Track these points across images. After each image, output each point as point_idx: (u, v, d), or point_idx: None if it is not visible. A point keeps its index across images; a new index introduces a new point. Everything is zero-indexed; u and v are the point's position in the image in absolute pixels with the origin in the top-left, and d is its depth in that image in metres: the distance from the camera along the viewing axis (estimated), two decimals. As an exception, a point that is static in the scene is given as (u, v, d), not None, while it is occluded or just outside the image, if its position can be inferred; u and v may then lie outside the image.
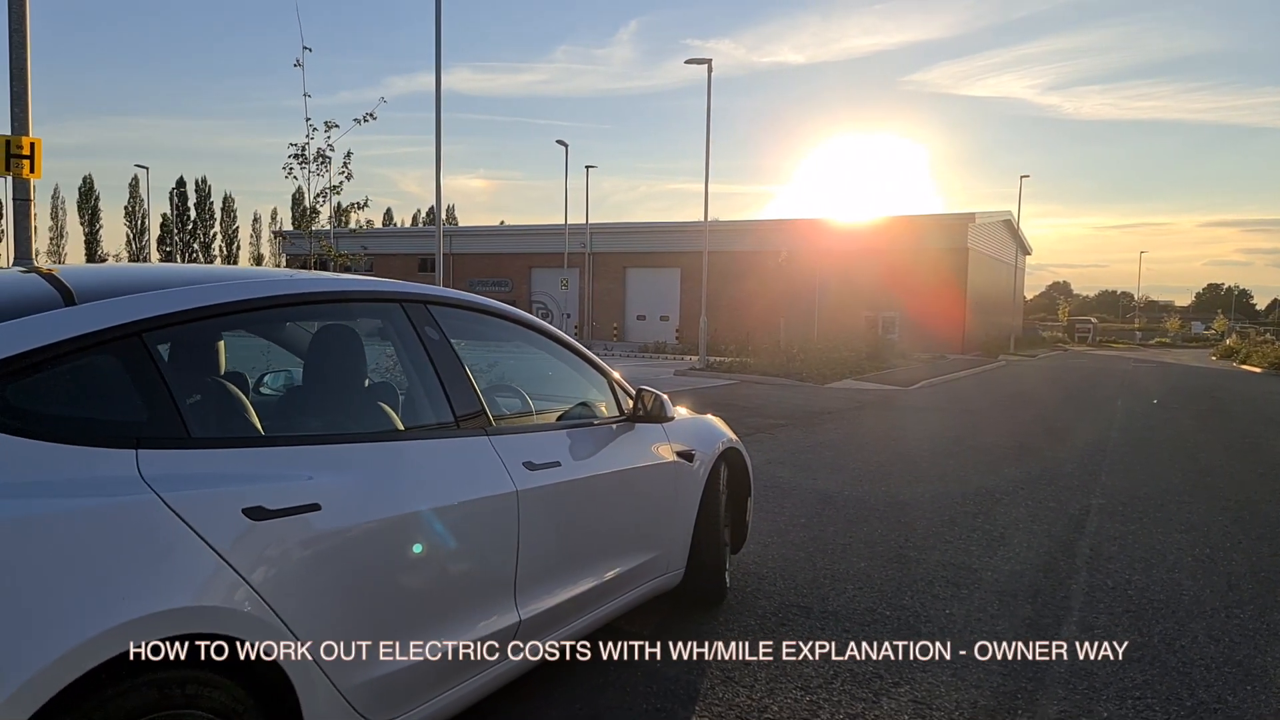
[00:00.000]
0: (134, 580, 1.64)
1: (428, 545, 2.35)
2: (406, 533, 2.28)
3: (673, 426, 3.72)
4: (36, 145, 5.63)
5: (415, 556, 2.31)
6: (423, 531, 2.34)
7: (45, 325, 1.79)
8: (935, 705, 3.08)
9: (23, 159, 5.55)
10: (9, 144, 5.56)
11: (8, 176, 5.54)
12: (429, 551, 2.35)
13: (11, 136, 5.60)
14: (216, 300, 2.12)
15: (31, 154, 5.58)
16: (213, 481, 1.86)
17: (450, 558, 2.45)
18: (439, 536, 2.39)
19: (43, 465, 1.64)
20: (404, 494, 2.31)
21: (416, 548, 2.31)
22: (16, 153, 5.54)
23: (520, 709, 2.94)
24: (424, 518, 2.34)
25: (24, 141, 5.59)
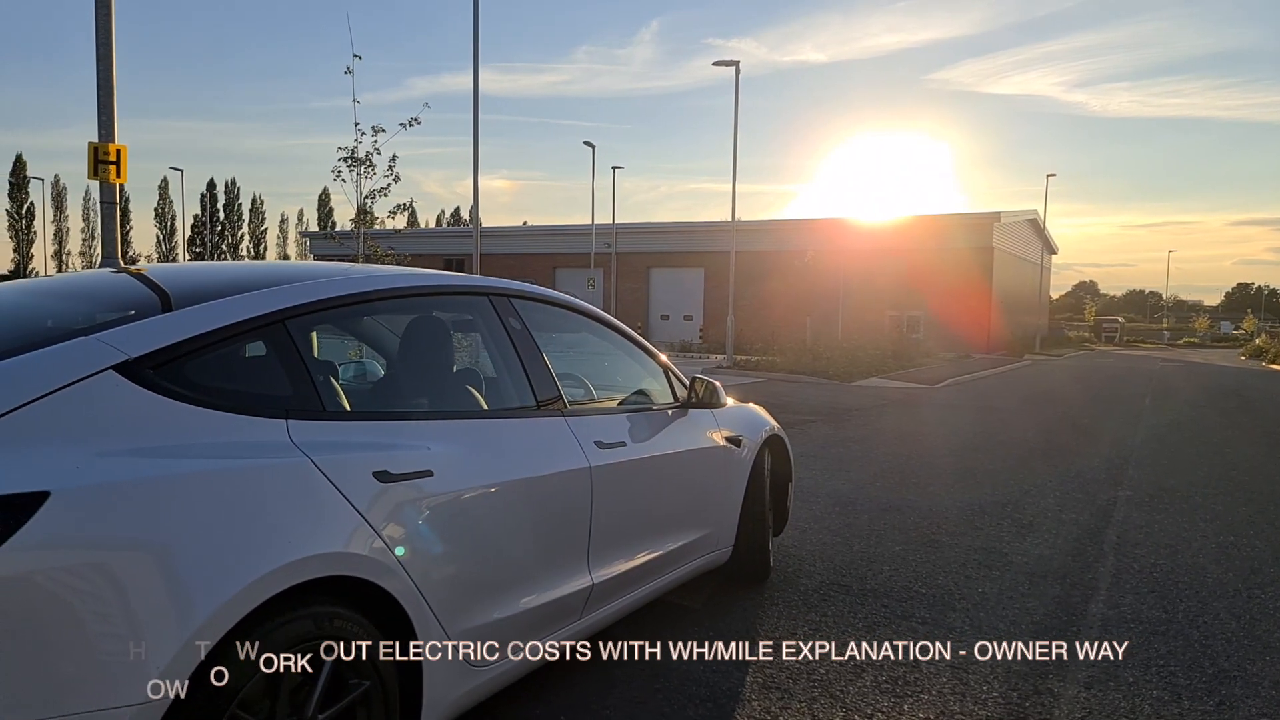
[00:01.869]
0: (296, 526, 1.93)
1: (519, 512, 2.63)
2: (502, 499, 2.57)
3: (722, 413, 3.98)
4: (123, 151, 6.00)
5: (508, 521, 2.59)
6: (515, 499, 2.62)
7: (210, 313, 2.09)
8: (971, 670, 3.33)
9: (110, 164, 5.92)
10: (97, 150, 5.94)
11: (96, 180, 5.93)
12: (519, 517, 2.64)
13: (99, 143, 5.98)
14: (344, 292, 2.41)
15: (118, 160, 5.95)
16: (347, 448, 2.15)
17: (536, 524, 2.73)
18: (528, 504, 2.67)
19: (215, 430, 1.93)
20: (499, 465, 2.59)
21: (509, 513, 2.59)
22: (104, 159, 5.92)
23: (597, 657, 3.22)
24: (516, 487, 2.63)
25: (111, 148, 5.97)
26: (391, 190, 8.70)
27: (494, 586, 2.53)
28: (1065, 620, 3.90)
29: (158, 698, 1.64)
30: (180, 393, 1.91)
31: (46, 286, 2.71)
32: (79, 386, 1.77)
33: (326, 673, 1.99)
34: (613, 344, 3.67)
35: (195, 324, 2.03)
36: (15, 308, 2.41)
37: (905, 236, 36.40)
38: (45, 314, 2.32)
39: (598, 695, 3.02)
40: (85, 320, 2.13)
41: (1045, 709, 3.02)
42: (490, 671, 2.54)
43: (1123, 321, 62.61)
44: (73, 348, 1.84)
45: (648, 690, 3.08)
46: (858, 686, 3.17)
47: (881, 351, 22.25)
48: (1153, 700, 3.11)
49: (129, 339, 1.91)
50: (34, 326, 2.19)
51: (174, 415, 1.88)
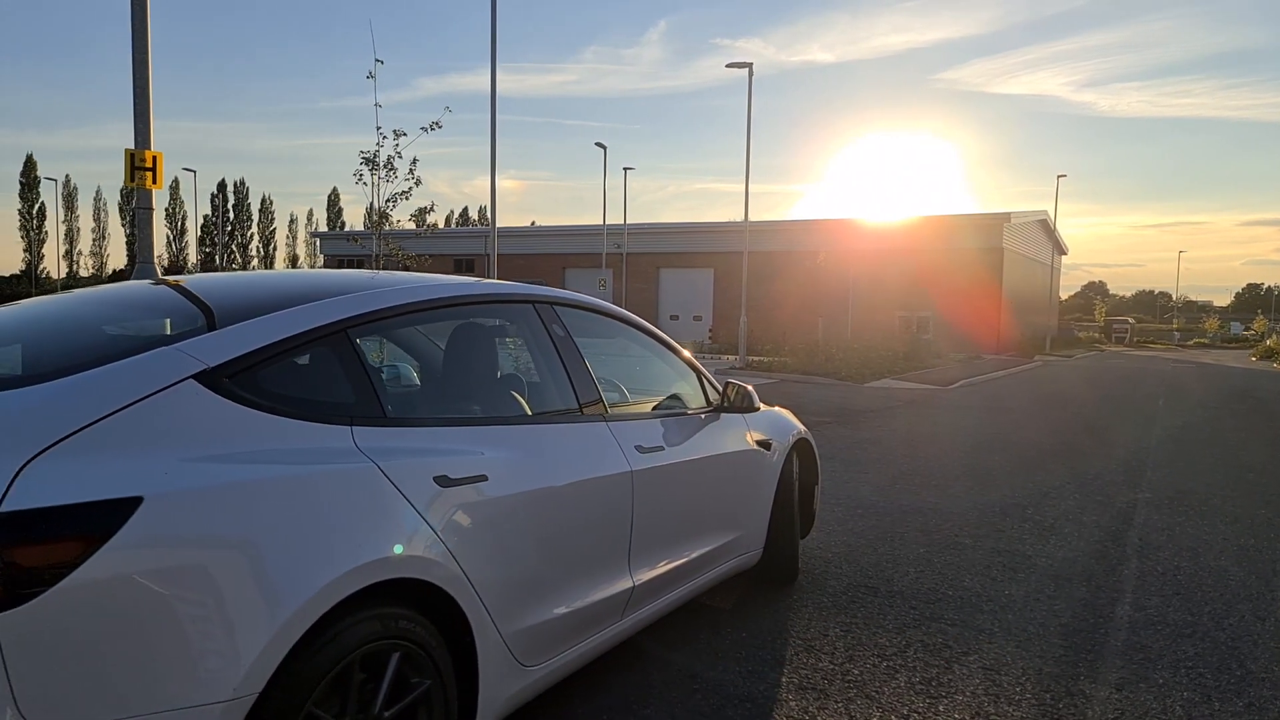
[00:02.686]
0: (366, 529, 2.00)
1: (566, 515, 2.70)
2: (550, 503, 2.63)
3: (752, 417, 4.04)
4: (158, 159, 6.09)
5: (556, 524, 2.65)
6: (562, 503, 2.68)
7: (278, 323, 2.15)
8: (1004, 671, 3.38)
9: (145, 171, 6.01)
10: (133, 157, 6.03)
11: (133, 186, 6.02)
12: (566, 520, 2.70)
13: (135, 150, 6.06)
14: (401, 301, 2.48)
15: (153, 166, 6.04)
16: (408, 454, 2.21)
17: (582, 527, 2.79)
18: (574, 508, 2.74)
19: (286, 436, 2.00)
20: (547, 470, 2.66)
21: (558, 516, 2.65)
22: (140, 165, 6.00)
23: (635, 658, 3.28)
24: (563, 491, 2.69)
25: (147, 155, 6.05)
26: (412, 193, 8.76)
27: (543, 588, 2.59)
28: (1093, 622, 3.94)
29: (244, 695, 1.70)
30: (253, 400, 1.98)
31: (111, 296, 2.78)
32: (163, 395, 1.83)
33: (392, 671, 2.05)
34: (647, 349, 3.73)
35: (266, 334, 2.10)
36: (87, 317, 2.48)
37: (914, 237, 36.37)
38: (117, 323, 2.39)
39: (637, 696, 3.08)
40: (158, 330, 2.20)
41: (1078, 710, 3.07)
42: (540, 671, 2.60)
43: (1133, 322, 62.42)
44: (156, 358, 1.91)
45: (685, 690, 3.14)
46: (892, 687, 3.22)
47: (893, 352, 22.27)
48: (1183, 701, 3.16)
49: (207, 349, 1.98)
50: (109, 336, 2.26)
51: (249, 422, 1.95)
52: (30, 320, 2.52)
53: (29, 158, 76.36)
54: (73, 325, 2.42)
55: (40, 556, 1.50)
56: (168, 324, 2.29)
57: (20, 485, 1.54)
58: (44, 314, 2.59)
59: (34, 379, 1.81)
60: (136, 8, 5.87)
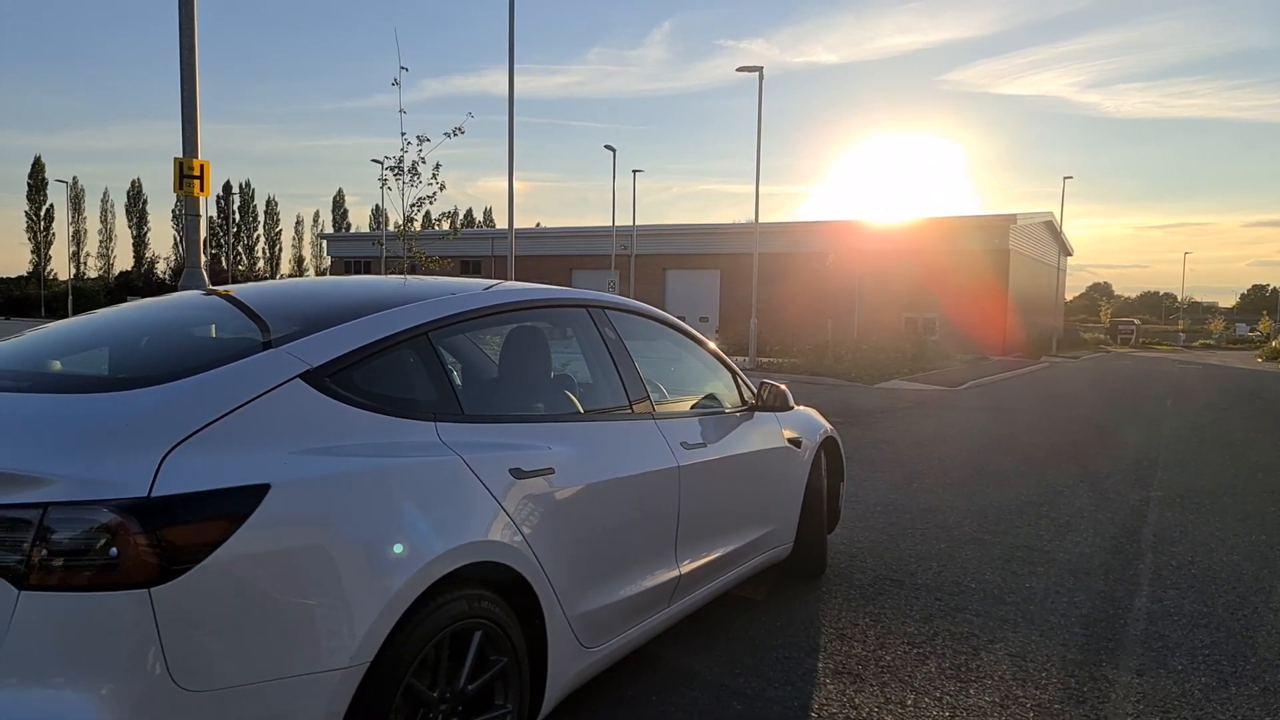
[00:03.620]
0: (456, 516, 2.17)
1: (622, 506, 2.87)
2: (608, 495, 2.80)
3: (784, 416, 4.21)
4: (205, 167, 6.28)
5: (613, 515, 2.82)
6: (619, 495, 2.85)
7: (369, 327, 2.32)
8: (1029, 658, 3.54)
9: (193, 179, 6.20)
10: (182, 165, 6.22)
11: (182, 194, 6.21)
12: (622, 512, 2.87)
13: (184, 159, 6.25)
14: (474, 306, 2.66)
15: (201, 174, 6.23)
16: (486, 448, 2.38)
17: (635, 518, 2.96)
18: (629, 500, 2.91)
19: (381, 431, 2.17)
20: (605, 464, 2.82)
21: (615, 508, 2.82)
22: (189, 173, 6.19)
23: (676, 647, 3.44)
24: (619, 484, 2.86)
25: (194, 163, 6.24)
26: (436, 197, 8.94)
27: (602, 575, 2.76)
28: (1112, 613, 4.10)
29: (358, 663, 1.87)
30: (350, 398, 2.15)
31: (201, 302, 2.95)
32: (274, 393, 2.01)
33: (475, 648, 2.22)
34: (687, 350, 3.90)
35: (358, 337, 2.27)
36: (185, 322, 2.66)
37: (920, 238, 36.52)
38: (216, 328, 2.57)
39: (684, 678, 3.25)
40: (254, 333, 2.37)
41: (1102, 693, 3.23)
42: (599, 653, 2.77)
43: (1138, 323, 62.43)
44: (267, 359, 2.08)
45: (727, 674, 3.31)
46: (923, 672, 3.39)
47: (901, 353, 22.42)
48: (1201, 686, 3.32)
49: (310, 350, 2.15)
50: (215, 339, 2.43)
51: (347, 418, 2.12)
52: (129, 326, 2.70)
53: (37, 159, 76.64)
54: (175, 330, 2.59)
55: (187, 536, 1.68)
56: (264, 328, 2.46)
57: (164, 474, 1.71)
58: (140, 320, 2.76)
59: (157, 379, 1.98)
60: (184, 21, 6.05)
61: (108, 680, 1.60)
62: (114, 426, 1.79)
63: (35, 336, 2.65)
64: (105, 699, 1.59)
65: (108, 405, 1.88)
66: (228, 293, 2.99)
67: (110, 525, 1.61)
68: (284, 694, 1.77)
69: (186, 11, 6.17)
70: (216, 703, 1.69)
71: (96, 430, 1.78)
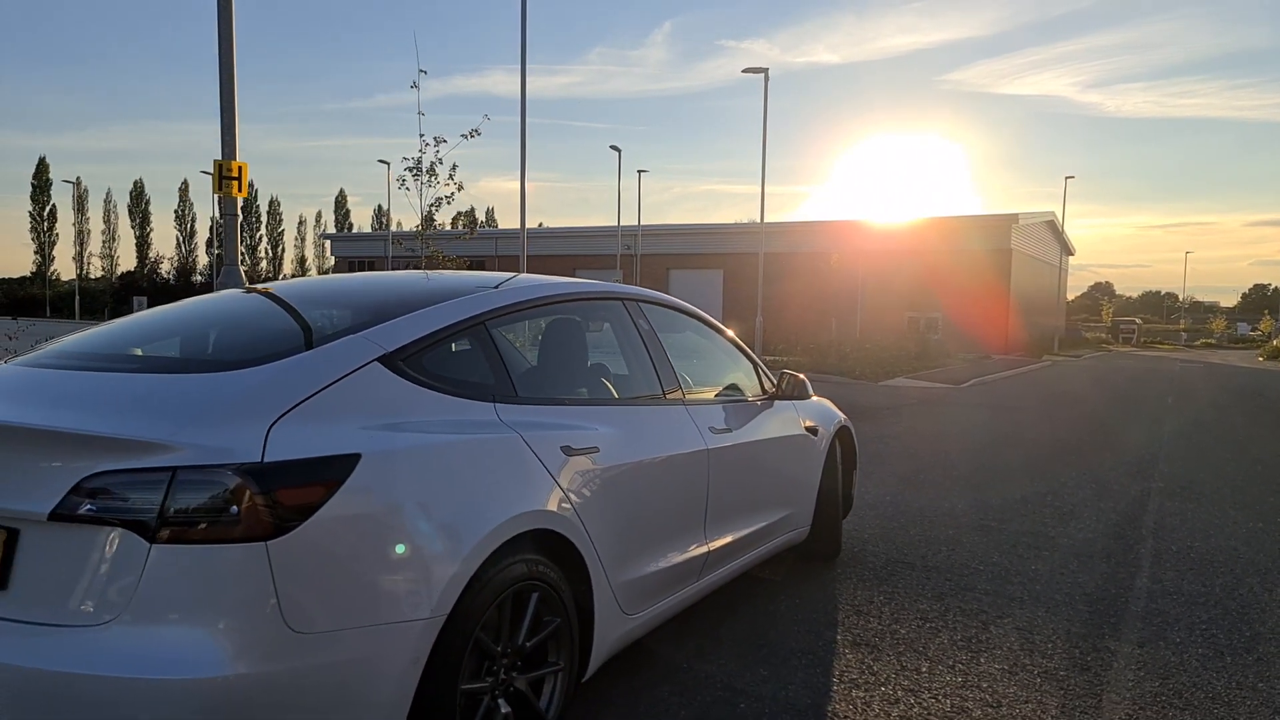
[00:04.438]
0: (516, 487, 2.39)
1: (658, 485, 3.08)
2: (647, 474, 3.01)
3: (802, 405, 4.42)
4: (243, 169, 6.50)
5: (651, 492, 3.03)
6: (656, 474, 3.07)
7: (434, 316, 2.54)
8: (1036, 631, 3.75)
9: (231, 180, 6.42)
10: (221, 167, 6.44)
11: (220, 195, 6.44)
12: (659, 489, 3.08)
13: (223, 161, 6.47)
14: (524, 298, 2.88)
15: (239, 175, 6.45)
16: (540, 427, 2.60)
17: (670, 496, 3.17)
18: (665, 479, 3.12)
19: (447, 410, 2.38)
20: (644, 445, 3.04)
21: (652, 485, 3.04)
22: (227, 175, 6.42)
23: (705, 621, 3.66)
24: (657, 464, 3.07)
25: (233, 165, 6.46)
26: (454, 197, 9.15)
27: (641, 547, 2.97)
28: (1114, 592, 4.31)
29: (438, 615, 2.09)
30: (420, 379, 2.36)
31: (309, 289, 3.18)
32: (356, 374, 2.22)
33: (532, 608, 2.43)
34: (711, 341, 4.11)
35: (425, 325, 2.48)
36: (267, 312, 2.88)
37: (922, 238, 36.72)
38: (293, 317, 2.79)
39: (711, 648, 3.46)
40: (329, 322, 2.59)
41: (1105, 662, 3.44)
42: (637, 620, 2.99)
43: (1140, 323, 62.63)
44: (349, 343, 2.30)
45: (752, 646, 3.52)
46: (937, 644, 3.60)
47: (905, 352, 22.64)
48: (1199, 656, 3.53)
49: (385, 336, 2.36)
50: (296, 326, 2.65)
51: (419, 398, 2.33)
52: (202, 317, 2.92)
53: (41, 160, 76.81)
54: (250, 319, 2.81)
55: (296, 498, 1.89)
56: (336, 317, 2.68)
57: (271, 443, 1.92)
58: (211, 312, 2.98)
59: (254, 361, 2.20)
60: (223, 29, 6.27)
61: (229, 621, 1.81)
62: (225, 401, 2.01)
63: (116, 327, 2.87)
64: (227, 637, 1.80)
65: (215, 383, 2.09)
66: (267, 290, 3.21)
67: (232, 487, 1.82)
68: (376, 639, 1.99)
69: (225, 19, 6.40)
70: (320, 643, 1.90)
71: (210, 404, 2.00)
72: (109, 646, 1.78)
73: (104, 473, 1.83)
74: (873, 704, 3.03)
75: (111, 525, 1.81)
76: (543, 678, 2.52)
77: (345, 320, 2.57)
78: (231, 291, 3.41)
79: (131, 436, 1.86)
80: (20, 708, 1.78)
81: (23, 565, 1.88)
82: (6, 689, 1.79)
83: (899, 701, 3.06)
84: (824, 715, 2.94)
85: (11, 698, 1.79)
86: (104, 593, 1.81)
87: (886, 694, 3.11)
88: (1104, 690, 3.18)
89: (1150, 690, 3.19)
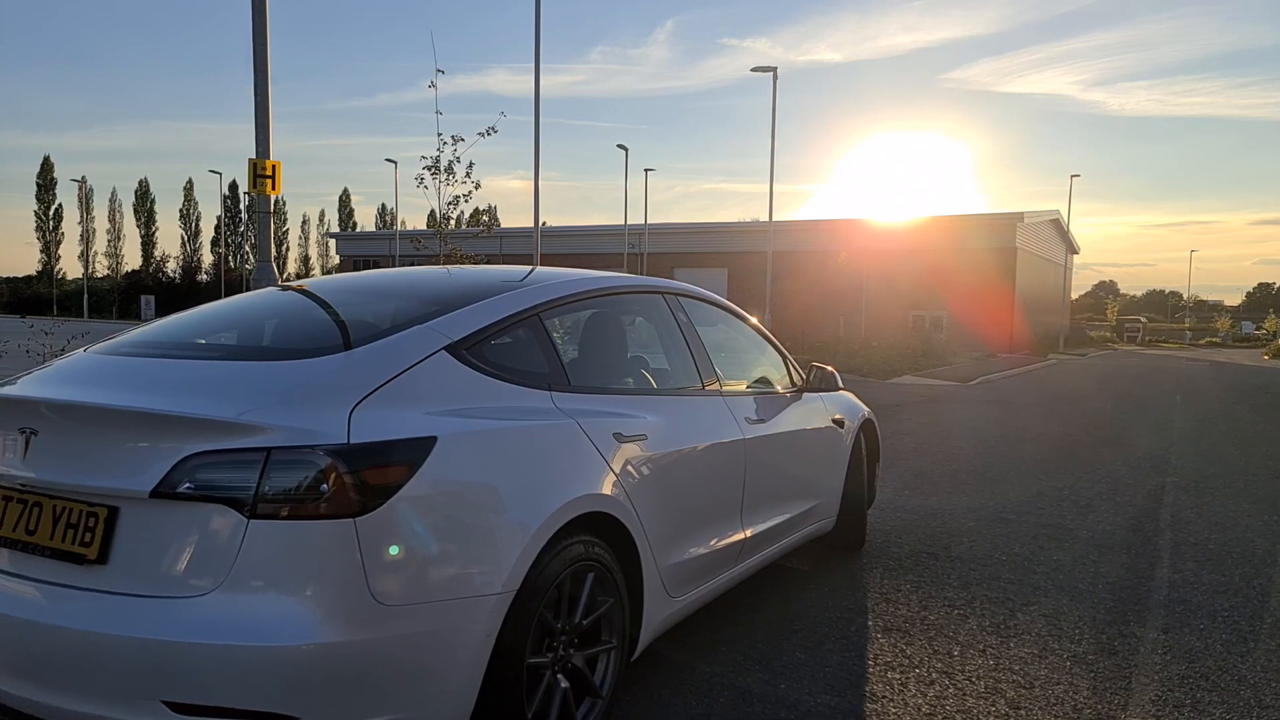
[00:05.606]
0: (574, 471, 2.48)
1: (700, 472, 3.17)
2: (690, 461, 3.11)
3: (829, 397, 4.51)
4: (277, 167, 6.61)
5: (694, 479, 3.13)
6: (698, 462, 3.16)
7: (493, 307, 2.63)
8: (1062, 618, 3.84)
9: (266, 178, 6.53)
10: (255, 166, 6.55)
11: (254, 193, 6.55)
12: (701, 476, 3.18)
13: (257, 160, 6.57)
14: (573, 291, 2.98)
15: (273, 174, 6.56)
16: (593, 414, 2.69)
17: (711, 483, 3.26)
18: (706, 466, 3.21)
19: (508, 397, 2.48)
20: (687, 433, 3.13)
21: (695, 473, 3.13)
22: (262, 173, 6.53)
23: (738, 607, 3.75)
24: (699, 452, 3.17)
25: (267, 164, 6.57)
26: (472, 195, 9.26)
27: (685, 532, 3.06)
28: (1136, 582, 4.40)
29: (508, 590, 2.18)
30: (483, 367, 2.46)
31: (353, 284, 3.28)
32: (427, 362, 2.32)
33: (588, 588, 2.53)
34: (743, 334, 4.20)
35: (486, 316, 2.58)
36: (334, 305, 2.97)
37: (927, 237, 36.76)
38: (359, 309, 2.89)
39: (745, 632, 3.56)
40: (394, 314, 2.68)
41: (1131, 647, 3.53)
42: (681, 603, 3.08)
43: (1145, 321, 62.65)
44: (418, 333, 2.39)
45: (786, 631, 3.62)
46: (966, 629, 3.69)
47: (911, 350, 22.72)
48: (1223, 641, 3.62)
49: (450, 326, 2.46)
50: (363, 318, 2.75)
51: (482, 385, 2.43)
52: (262, 310, 3.02)
53: (46, 159, 76.84)
54: (314, 311, 2.90)
55: (380, 477, 1.98)
56: (395, 308, 2.77)
57: (353, 426, 2.02)
58: (270, 306, 3.08)
59: (329, 350, 2.30)
60: (257, 32, 6.37)
61: (320, 593, 1.91)
62: (308, 386, 2.11)
63: (183, 319, 2.97)
64: (318, 607, 1.90)
65: (297, 370, 2.19)
66: (302, 287, 3.30)
67: (323, 467, 1.92)
68: (453, 612, 2.08)
69: (259, 23, 6.50)
70: (402, 615, 2.00)
71: (295, 389, 2.10)
72: (208, 616, 1.87)
73: (202, 453, 1.93)
74: (909, 685, 3.12)
75: (210, 502, 1.91)
76: (597, 655, 2.62)
77: (408, 312, 2.65)
78: (276, 287, 3.51)
79: (228, 419, 1.96)
80: (127, 675, 1.88)
81: (122, 541, 1.97)
82: (113, 658, 1.89)
83: (934, 683, 3.15)
84: (862, 696, 3.03)
85: (118, 665, 1.89)
86: (203, 566, 1.91)
87: (921, 675, 3.21)
88: (1133, 673, 3.28)
89: (1178, 673, 3.28)
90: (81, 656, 1.91)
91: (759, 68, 21.69)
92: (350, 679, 1.93)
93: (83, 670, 1.92)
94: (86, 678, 1.92)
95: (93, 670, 1.91)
